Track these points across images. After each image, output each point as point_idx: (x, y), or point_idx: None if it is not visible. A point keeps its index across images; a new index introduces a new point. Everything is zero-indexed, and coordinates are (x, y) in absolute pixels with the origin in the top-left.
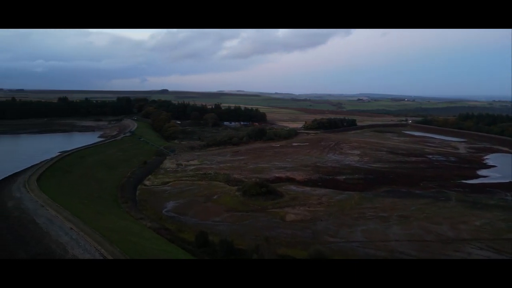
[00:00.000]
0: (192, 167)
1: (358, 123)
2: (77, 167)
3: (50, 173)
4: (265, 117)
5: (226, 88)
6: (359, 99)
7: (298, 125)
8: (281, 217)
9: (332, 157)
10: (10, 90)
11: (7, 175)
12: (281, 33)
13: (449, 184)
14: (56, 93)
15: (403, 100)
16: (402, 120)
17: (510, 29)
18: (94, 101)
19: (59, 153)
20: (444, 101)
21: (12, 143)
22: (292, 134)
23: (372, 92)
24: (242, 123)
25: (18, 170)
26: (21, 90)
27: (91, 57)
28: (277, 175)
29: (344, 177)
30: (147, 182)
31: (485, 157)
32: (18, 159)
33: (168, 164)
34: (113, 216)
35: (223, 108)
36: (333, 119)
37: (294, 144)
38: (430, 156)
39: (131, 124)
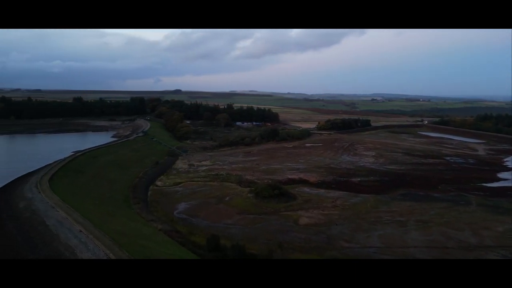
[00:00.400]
0: (204, 168)
1: (373, 124)
2: (89, 167)
3: (62, 173)
4: (277, 117)
5: (239, 88)
6: (373, 99)
7: (311, 125)
8: (294, 220)
9: (346, 159)
10: (28, 90)
11: (21, 175)
12: (295, 33)
13: (469, 187)
14: (72, 93)
15: (418, 100)
16: (418, 121)
17: None
18: (108, 101)
19: (73, 153)
20: (460, 101)
21: (28, 142)
22: (305, 134)
23: (386, 92)
24: (254, 123)
25: (32, 170)
26: (39, 90)
27: (106, 57)
28: (290, 176)
29: (359, 179)
30: (159, 183)
31: (506, 159)
32: (33, 159)
33: (180, 164)
34: (124, 218)
35: (235, 108)
36: (347, 119)
37: (307, 144)
38: (448, 158)
39: (144, 124)
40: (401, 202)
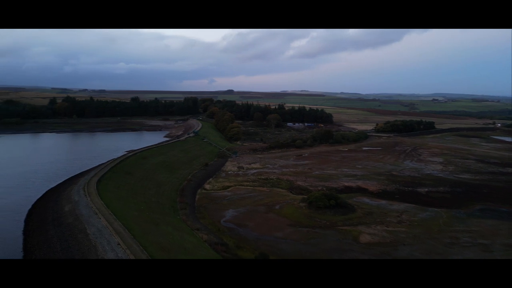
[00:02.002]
0: (254, 171)
1: (437, 126)
2: (138, 168)
3: (111, 174)
4: (331, 118)
5: (290, 88)
6: (434, 99)
7: (367, 127)
8: (354, 237)
9: (409, 165)
10: (94, 91)
11: (75, 174)
12: (352, 31)
13: None
14: (133, 93)
15: (486, 100)
16: (489, 124)
17: None
18: (163, 101)
19: (126, 152)
20: None
21: (87, 141)
22: (361, 137)
23: (449, 92)
24: (306, 124)
25: (85, 169)
26: (103, 91)
27: (165, 59)
28: (346, 184)
29: (426, 189)
30: (207, 186)
31: None
32: (89, 157)
33: (230, 166)
34: (168, 227)
35: (286, 108)
36: (408, 121)
37: (364, 148)
38: None
39: (195, 124)
40: (481, 220)
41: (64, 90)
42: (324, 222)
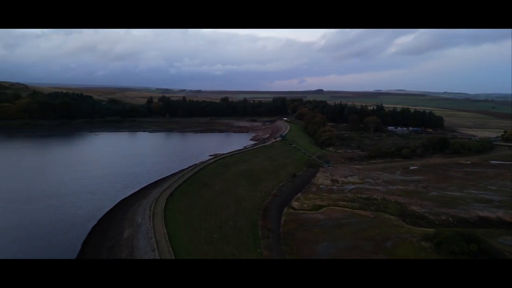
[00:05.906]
0: (351, 187)
1: None
2: (218, 179)
3: (186, 187)
4: (441, 122)
5: (384, 87)
6: None
7: (489, 133)
8: None
9: None
10: (191, 91)
11: (153, 181)
12: None
13: None
14: (226, 94)
15: None
16: None
17: None
18: (251, 102)
19: (209, 157)
20: None
21: (176, 141)
22: (486, 147)
23: None
24: (411, 128)
25: (164, 176)
26: (199, 91)
27: (258, 60)
28: (480, 213)
29: None
30: (295, 204)
31: None
32: (173, 160)
33: (321, 179)
34: None
35: (386, 110)
36: None
37: (492, 162)
38: None
39: (283, 126)
40: None
41: (165, 91)
42: None
